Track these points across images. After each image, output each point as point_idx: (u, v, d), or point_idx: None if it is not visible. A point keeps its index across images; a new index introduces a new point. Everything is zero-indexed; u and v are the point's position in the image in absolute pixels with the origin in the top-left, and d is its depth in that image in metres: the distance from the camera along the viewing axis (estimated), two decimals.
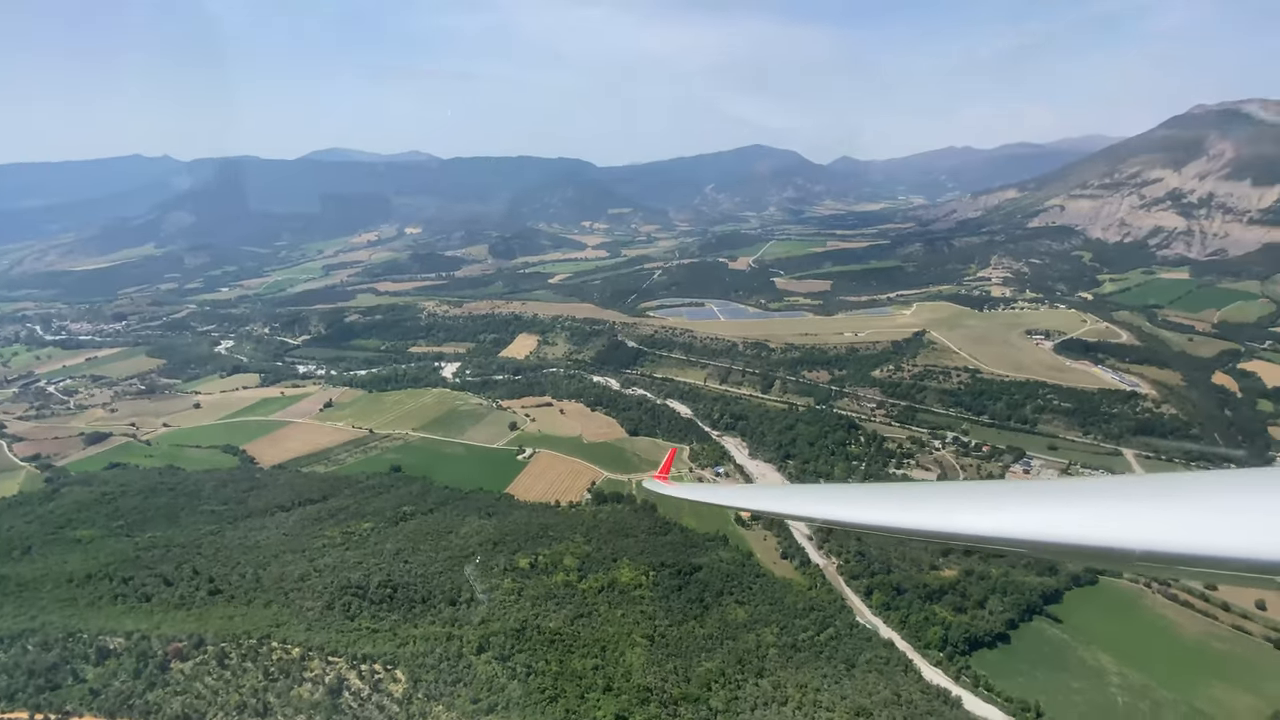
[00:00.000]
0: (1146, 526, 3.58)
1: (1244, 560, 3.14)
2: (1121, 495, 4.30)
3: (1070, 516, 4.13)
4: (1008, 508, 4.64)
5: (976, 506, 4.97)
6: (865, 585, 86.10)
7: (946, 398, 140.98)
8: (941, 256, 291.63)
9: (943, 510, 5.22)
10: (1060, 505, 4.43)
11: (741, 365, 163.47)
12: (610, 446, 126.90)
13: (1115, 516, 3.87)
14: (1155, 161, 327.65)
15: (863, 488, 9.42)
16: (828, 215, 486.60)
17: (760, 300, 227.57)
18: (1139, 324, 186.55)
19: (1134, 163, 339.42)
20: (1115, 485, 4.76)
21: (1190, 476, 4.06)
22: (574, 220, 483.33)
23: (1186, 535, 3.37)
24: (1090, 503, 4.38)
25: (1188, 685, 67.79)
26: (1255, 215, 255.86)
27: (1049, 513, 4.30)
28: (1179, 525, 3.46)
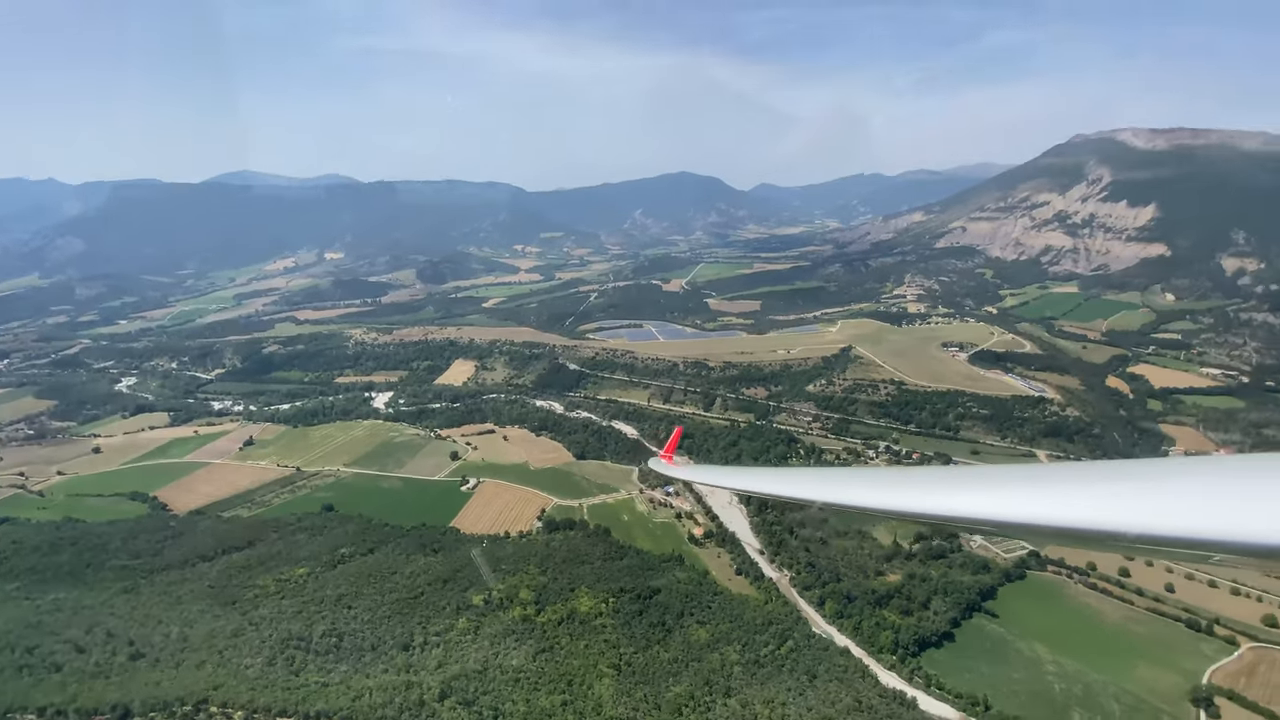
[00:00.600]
0: (1140, 510, 3.66)
1: (1234, 543, 3.23)
2: (1116, 479, 4.42)
3: (1067, 500, 4.22)
4: (1008, 492, 4.73)
5: (978, 491, 5.00)
6: (818, 595, 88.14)
7: (876, 409, 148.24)
8: (860, 276, 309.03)
9: (944, 494, 5.27)
10: (1057, 489, 4.53)
11: (683, 384, 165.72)
12: (558, 472, 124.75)
13: (1110, 500, 3.95)
14: (1042, 186, 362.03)
15: (866, 472, 9.08)
16: (752, 239, 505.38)
17: (696, 321, 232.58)
18: (1039, 334, 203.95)
19: (1024, 188, 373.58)
20: (1110, 470, 4.85)
21: (1184, 461, 4.23)
22: (505, 244, 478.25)
23: (1181, 519, 3.44)
24: (1086, 487, 4.46)
25: (1115, 667, 73.35)
26: (1132, 233, 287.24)
27: (1047, 497, 4.40)
28: (1172, 509, 3.55)
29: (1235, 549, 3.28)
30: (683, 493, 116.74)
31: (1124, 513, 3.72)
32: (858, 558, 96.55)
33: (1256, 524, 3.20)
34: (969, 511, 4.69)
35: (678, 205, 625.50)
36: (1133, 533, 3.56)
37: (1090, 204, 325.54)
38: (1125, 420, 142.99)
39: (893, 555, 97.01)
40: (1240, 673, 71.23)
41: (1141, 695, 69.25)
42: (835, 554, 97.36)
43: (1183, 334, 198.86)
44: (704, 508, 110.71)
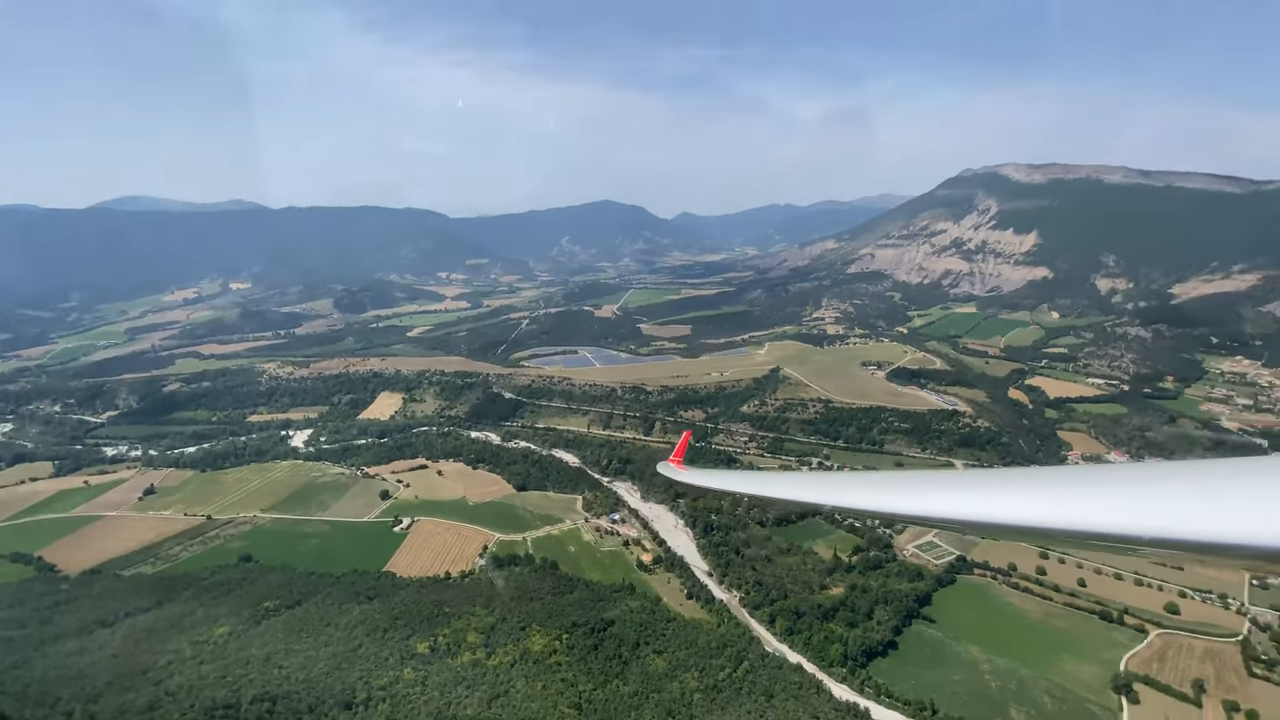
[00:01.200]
0: (1156, 514, 3.67)
1: (1251, 547, 3.23)
2: (1130, 483, 4.40)
3: (1082, 504, 4.23)
4: (1019, 495, 4.75)
5: (986, 494, 5.05)
6: (768, 614, 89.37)
7: (807, 426, 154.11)
8: (782, 300, 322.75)
9: (955, 497, 5.29)
10: (1071, 493, 4.50)
11: (622, 409, 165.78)
12: (499, 505, 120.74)
13: (1124, 504, 3.97)
14: (940, 216, 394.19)
15: (874, 475, 9.65)
16: (678, 265, 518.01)
17: (630, 346, 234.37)
18: (946, 352, 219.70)
19: (923, 217, 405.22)
20: (1120, 473, 4.82)
21: (1195, 465, 4.23)
22: (429, 271, 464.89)
23: (1195, 523, 3.46)
24: (1098, 490, 4.45)
25: (1042, 662, 78.56)
26: (1019, 258, 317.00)
27: (1055, 500, 4.44)
28: (1188, 513, 3.55)
29: (1243, 552, 3.29)
30: (629, 519, 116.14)
31: (1128, 515, 3.78)
32: (802, 573, 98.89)
33: (1263, 527, 3.22)
34: (977, 515, 4.74)
35: (604, 233, 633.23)
36: (1147, 536, 3.60)
37: (981, 232, 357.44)
38: (1028, 429, 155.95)
39: (834, 568, 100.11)
40: (1152, 659, 78.12)
41: (1069, 687, 74.38)
42: (781, 571, 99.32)
43: (1069, 348, 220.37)
44: (651, 533, 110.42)
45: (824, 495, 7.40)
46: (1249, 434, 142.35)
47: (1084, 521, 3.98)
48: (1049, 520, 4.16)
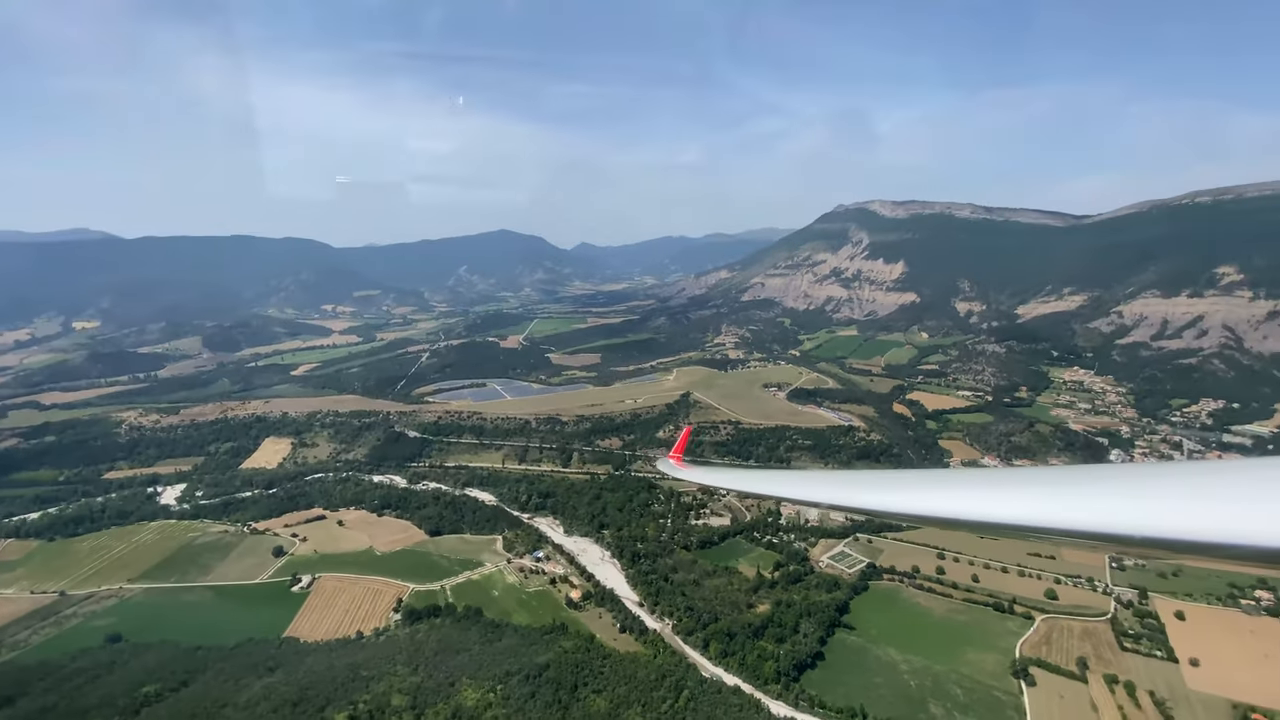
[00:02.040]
0: (1152, 514, 3.73)
1: (1246, 547, 3.28)
2: (1125, 483, 4.48)
3: (1075, 504, 4.32)
4: (1019, 494, 4.82)
5: (986, 493, 5.11)
6: (701, 639, 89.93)
7: (720, 448, 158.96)
8: (684, 327, 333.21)
9: (954, 497, 5.35)
10: (1067, 493, 4.60)
11: (538, 442, 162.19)
12: (411, 553, 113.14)
13: (1118, 504, 4.04)
14: (819, 247, 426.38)
15: (882, 474, 7.73)
16: (580, 294, 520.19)
17: (540, 376, 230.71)
18: (836, 372, 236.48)
19: (805, 248, 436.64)
20: (1120, 473, 4.95)
21: (1193, 466, 4.28)
22: (312, 304, 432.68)
23: (1193, 522, 3.50)
24: (1095, 490, 4.53)
25: (950, 656, 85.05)
26: (890, 285, 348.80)
27: (1052, 499, 4.53)
28: (1184, 513, 3.61)
29: (1242, 552, 3.34)
30: (554, 556, 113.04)
31: (1127, 515, 3.83)
32: (729, 594, 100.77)
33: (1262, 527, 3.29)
34: (977, 514, 4.81)
35: (504, 262, 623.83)
36: (1138, 535, 3.66)
37: (856, 261, 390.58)
38: (914, 439, 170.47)
39: (758, 586, 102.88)
40: (1040, 642, 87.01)
41: (975, 677, 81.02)
42: (709, 593, 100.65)
43: (939, 364, 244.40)
44: (578, 568, 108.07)
45: (823, 494, 7.46)
46: (1091, 434, 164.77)
47: (1085, 522, 4.02)
48: (1050, 520, 4.21)
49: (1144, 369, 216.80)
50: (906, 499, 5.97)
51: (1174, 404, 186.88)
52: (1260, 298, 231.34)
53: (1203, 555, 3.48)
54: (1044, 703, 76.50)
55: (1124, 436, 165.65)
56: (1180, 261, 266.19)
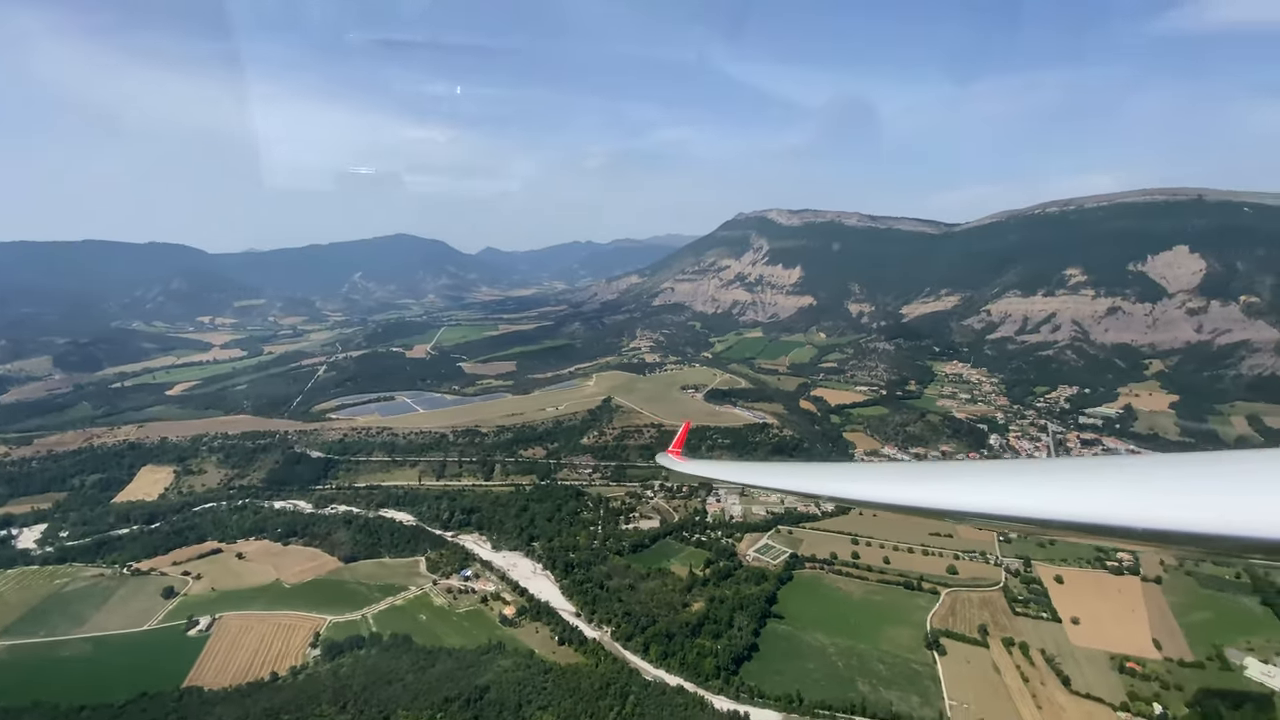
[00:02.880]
0: (1154, 505, 3.71)
1: (1251, 539, 3.21)
2: (1129, 474, 4.46)
3: (1076, 495, 4.30)
4: (1018, 486, 4.84)
5: (984, 485, 5.13)
6: (641, 643, 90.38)
7: (645, 451, 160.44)
8: (599, 332, 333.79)
9: (957, 488, 5.37)
10: (1070, 484, 4.61)
11: (456, 456, 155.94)
12: (324, 583, 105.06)
13: (1120, 495, 4.03)
14: (724, 253, 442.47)
15: (879, 467, 8.75)
16: (488, 301, 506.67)
17: (454, 387, 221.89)
18: (746, 372, 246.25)
19: (710, 254, 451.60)
20: (1120, 465, 4.86)
21: (1196, 457, 4.21)
22: (186, 316, 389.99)
23: (1195, 514, 3.46)
24: (1097, 482, 4.53)
25: (871, 635, 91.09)
26: (789, 289, 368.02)
27: (1055, 490, 4.53)
28: (1188, 505, 3.57)
29: (1244, 544, 3.29)
30: (483, 573, 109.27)
31: (1124, 506, 3.83)
32: (664, 595, 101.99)
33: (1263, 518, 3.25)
34: (975, 505, 4.84)
35: (403, 268, 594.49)
36: (1139, 527, 3.64)
37: (758, 267, 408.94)
38: (821, 433, 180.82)
39: (691, 585, 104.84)
40: (947, 614, 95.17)
41: (895, 652, 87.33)
42: (645, 597, 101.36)
43: (837, 363, 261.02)
44: (510, 584, 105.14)
45: (821, 486, 7.54)
46: (973, 421, 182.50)
47: (1086, 513, 4.02)
48: (1050, 511, 4.23)
49: (1011, 361, 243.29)
50: (903, 491, 5.99)
51: (1038, 391, 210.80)
52: (1101, 295, 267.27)
53: (1203, 547, 3.49)
54: (954, 670, 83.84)
55: (999, 422, 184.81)
56: (1035, 265, 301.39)
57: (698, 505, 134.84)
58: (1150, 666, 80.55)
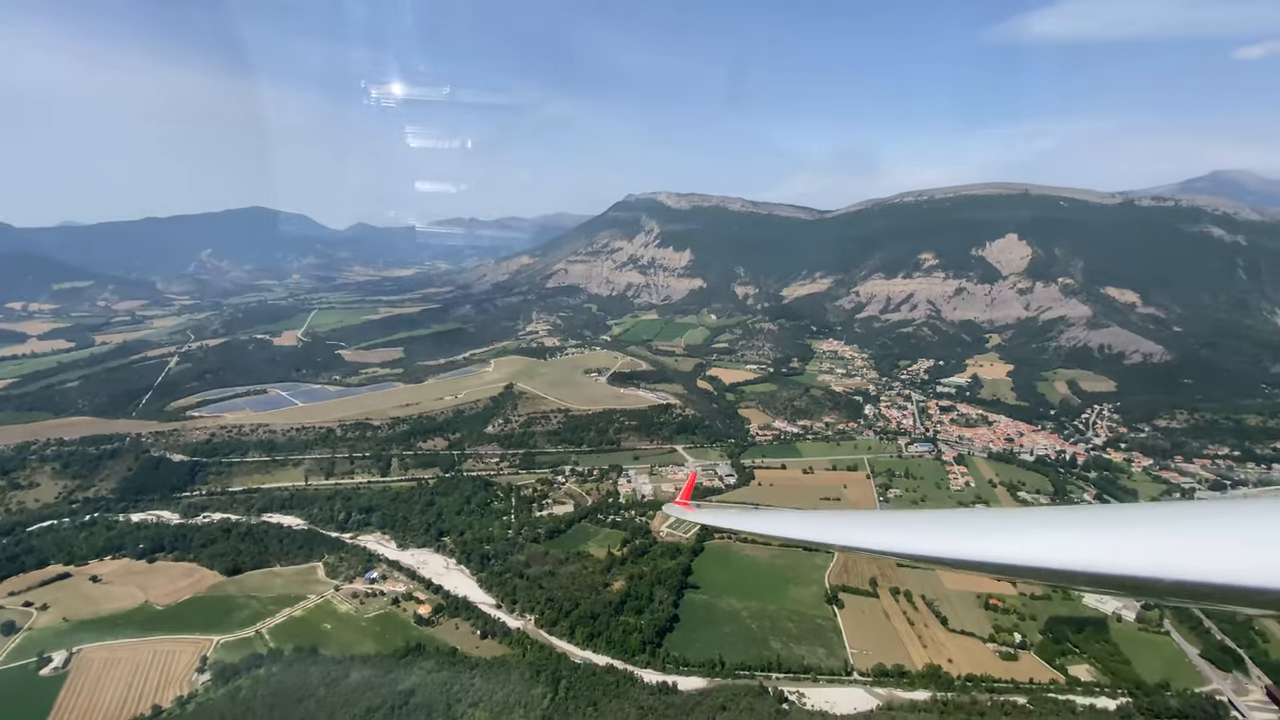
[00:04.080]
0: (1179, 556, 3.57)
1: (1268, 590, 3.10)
2: (1151, 524, 4.25)
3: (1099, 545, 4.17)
4: (1041, 536, 4.71)
5: (1009, 534, 5.05)
6: (567, 627, 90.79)
7: (553, 437, 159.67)
8: (493, 316, 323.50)
9: (973, 538, 5.33)
10: (1090, 534, 4.47)
11: (347, 451, 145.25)
12: (205, 601, 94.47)
13: (1145, 546, 3.87)
14: (616, 235, 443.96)
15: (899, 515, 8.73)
16: (364, 281, 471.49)
17: (334, 377, 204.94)
18: (645, 354, 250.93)
19: (603, 236, 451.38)
20: (1141, 513, 4.60)
21: (1218, 505, 4.09)
22: None
23: (1220, 565, 3.35)
24: (1118, 531, 4.37)
25: (779, 596, 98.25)
26: (680, 271, 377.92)
27: (1080, 542, 4.35)
28: (1214, 555, 3.46)
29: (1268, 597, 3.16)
30: (390, 574, 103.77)
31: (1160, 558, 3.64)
32: (585, 578, 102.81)
33: None
34: (1001, 558, 4.72)
35: (262, 245, 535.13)
36: (1169, 580, 3.49)
37: (650, 249, 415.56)
38: (719, 410, 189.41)
39: (610, 565, 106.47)
40: (841, 571, 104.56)
41: (800, 610, 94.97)
42: (566, 581, 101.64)
43: (728, 343, 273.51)
44: (422, 582, 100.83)
45: (842, 536, 7.47)
46: (850, 394, 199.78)
47: (1102, 564, 3.92)
48: (1068, 563, 4.13)
49: (878, 338, 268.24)
50: (931, 543, 5.90)
51: (902, 364, 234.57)
52: (950, 278, 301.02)
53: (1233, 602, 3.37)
54: (852, 620, 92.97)
55: (872, 394, 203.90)
56: (896, 250, 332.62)
57: (610, 487, 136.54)
58: (1009, 602, 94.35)
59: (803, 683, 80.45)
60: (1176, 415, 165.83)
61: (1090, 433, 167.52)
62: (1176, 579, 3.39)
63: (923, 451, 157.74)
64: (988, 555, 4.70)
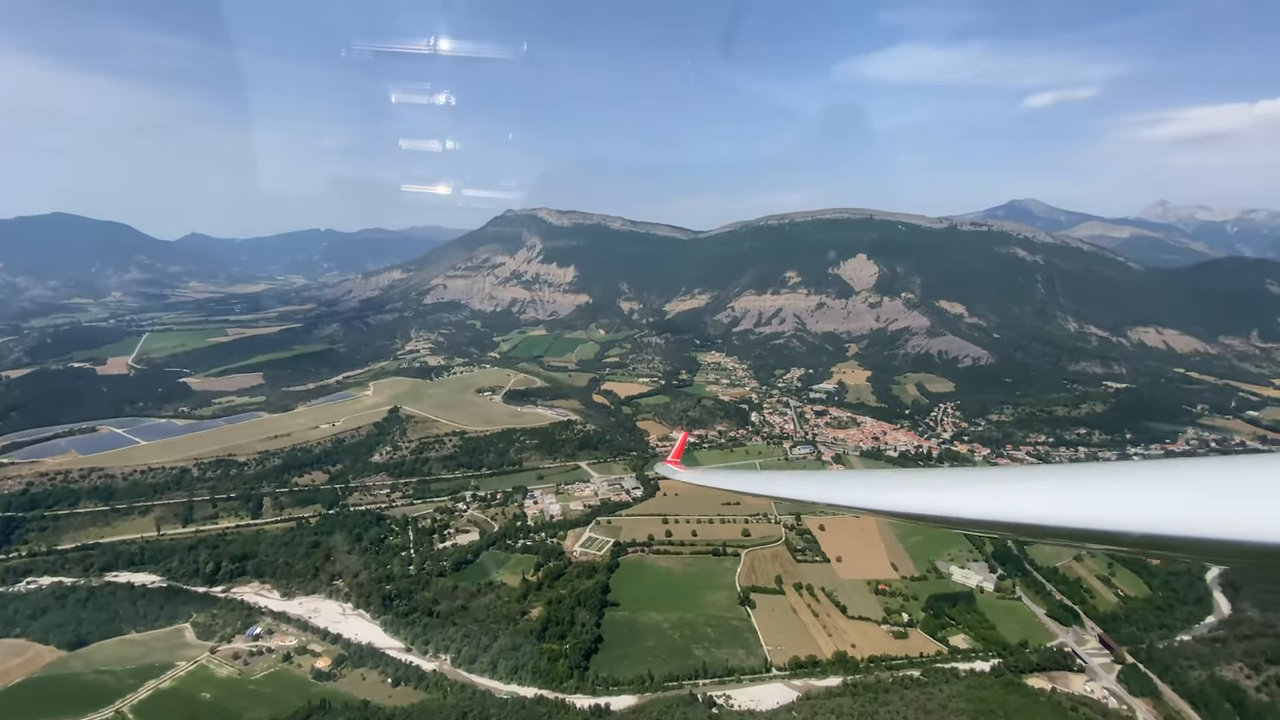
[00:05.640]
0: (1147, 509, 3.69)
1: (1244, 543, 3.19)
2: (1120, 479, 4.40)
3: (1071, 499, 4.29)
4: (1017, 492, 4.82)
5: (986, 491, 5.14)
6: (487, 662, 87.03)
7: (449, 462, 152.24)
8: (366, 335, 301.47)
9: (956, 495, 5.41)
10: (1062, 489, 4.61)
11: (207, 494, 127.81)
12: (44, 682, 78.56)
13: (1115, 499, 3.98)
14: (496, 250, 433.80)
15: (882, 474, 9.20)
16: (204, 299, 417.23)
17: (182, 409, 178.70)
18: (538, 371, 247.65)
19: (483, 250, 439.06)
20: (1111, 471, 4.75)
21: (1188, 462, 4.17)
22: None
23: (1187, 518, 3.44)
24: (1089, 486, 4.51)
25: (695, 604, 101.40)
26: (566, 287, 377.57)
27: (1054, 495, 4.48)
28: (1179, 508, 3.55)
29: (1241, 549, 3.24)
30: (277, 627, 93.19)
31: (1128, 511, 3.75)
32: (501, 608, 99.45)
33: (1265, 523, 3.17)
34: (973, 512, 4.87)
35: (69, 257, 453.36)
36: (1136, 532, 3.61)
37: (533, 265, 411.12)
38: (617, 424, 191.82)
39: (527, 592, 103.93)
40: (749, 572, 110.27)
41: (717, 614, 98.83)
42: (481, 614, 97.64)
43: (619, 357, 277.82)
44: (316, 632, 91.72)
45: (824, 494, 7.51)
46: (736, 402, 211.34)
47: (1082, 518, 4.03)
48: (1050, 518, 4.22)
49: (754, 349, 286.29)
50: (910, 498, 6.05)
51: (778, 373, 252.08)
52: (812, 293, 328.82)
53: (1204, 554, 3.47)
54: (764, 618, 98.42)
55: (755, 401, 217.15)
56: (764, 268, 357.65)
57: (516, 510, 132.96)
58: (894, 585, 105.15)
59: (728, 685, 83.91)
60: (1004, 410, 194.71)
61: (939, 428, 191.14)
62: (1144, 531, 3.56)
63: (805, 453, 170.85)
64: (991, 513, 4.66)
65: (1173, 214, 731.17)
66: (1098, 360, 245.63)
